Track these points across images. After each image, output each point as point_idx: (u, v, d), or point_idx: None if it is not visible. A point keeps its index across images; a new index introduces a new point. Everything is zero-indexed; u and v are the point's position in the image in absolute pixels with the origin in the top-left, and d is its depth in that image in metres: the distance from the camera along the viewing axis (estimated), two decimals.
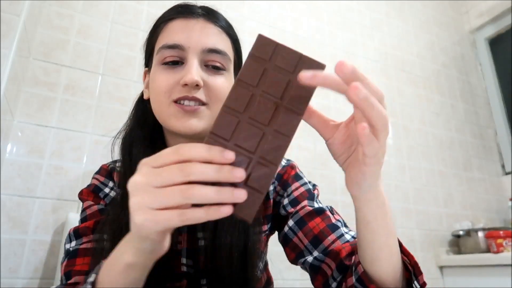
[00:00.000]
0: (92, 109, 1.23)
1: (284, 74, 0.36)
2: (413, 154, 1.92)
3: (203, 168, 0.32)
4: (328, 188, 1.58)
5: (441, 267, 1.75)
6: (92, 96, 1.24)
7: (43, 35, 1.21)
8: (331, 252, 0.59)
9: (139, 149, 0.62)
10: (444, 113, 2.16)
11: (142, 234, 0.36)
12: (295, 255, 0.64)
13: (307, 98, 0.36)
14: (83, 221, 0.63)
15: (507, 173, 2.22)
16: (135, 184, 0.35)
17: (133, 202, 0.35)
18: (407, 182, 1.83)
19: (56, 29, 1.24)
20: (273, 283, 0.73)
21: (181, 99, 0.58)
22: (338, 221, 0.63)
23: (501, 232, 1.62)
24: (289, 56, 0.37)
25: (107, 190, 0.67)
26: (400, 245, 0.49)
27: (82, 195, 0.68)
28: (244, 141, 0.34)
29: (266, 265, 0.72)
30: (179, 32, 0.61)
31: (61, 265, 0.59)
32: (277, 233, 0.71)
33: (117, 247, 0.43)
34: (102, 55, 1.29)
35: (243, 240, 0.58)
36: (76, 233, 0.61)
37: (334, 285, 0.56)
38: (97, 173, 0.71)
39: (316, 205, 0.65)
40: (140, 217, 0.34)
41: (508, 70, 2.30)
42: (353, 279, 0.51)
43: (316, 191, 0.69)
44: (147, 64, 0.69)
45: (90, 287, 0.43)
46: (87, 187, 0.68)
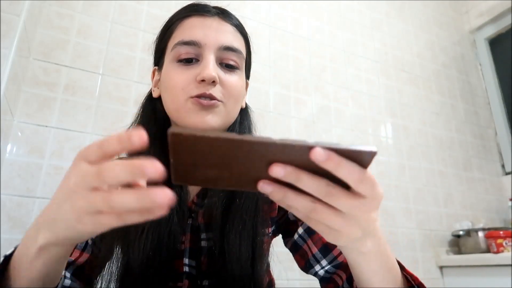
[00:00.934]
0: (92, 109, 1.22)
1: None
2: (413, 154, 1.92)
3: (117, 172, 0.29)
4: None
5: (441, 267, 1.75)
6: (92, 96, 1.24)
7: (43, 35, 1.21)
8: (341, 264, 0.60)
9: (149, 147, 0.62)
10: (444, 113, 2.16)
11: (75, 230, 0.34)
12: (304, 263, 0.65)
13: None
14: None
15: (507, 173, 2.22)
16: (67, 187, 0.33)
17: (67, 207, 0.32)
18: (407, 182, 1.83)
19: (56, 29, 1.24)
20: (274, 284, 0.73)
21: (198, 96, 0.58)
22: None
23: (501, 232, 1.62)
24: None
25: None
26: (402, 267, 0.49)
27: None
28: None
29: (268, 266, 0.72)
30: (195, 28, 0.61)
31: None
32: (281, 236, 0.71)
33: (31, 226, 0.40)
34: (102, 55, 1.29)
35: (251, 242, 0.58)
36: None
37: None
38: None
39: None
40: (83, 222, 0.32)
41: (508, 70, 2.30)
42: None
43: None
44: (157, 63, 0.69)
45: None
46: None
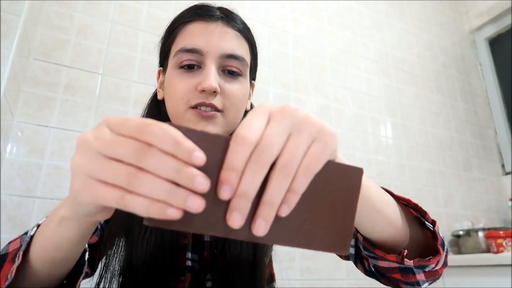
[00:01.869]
0: (92, 109, 1.23)
1: None
2: (413, 154, 1.92)
3: (160, 163, 0.26)
4: None
5: None
6: (92, 96, 1.24)
7: (43, 35, 1.21)
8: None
9: None
10: (444, 113, 2.16)
11: (76, 200, 0.32)
12: None
13: None
14: None
15: (507, 173, 2.22)
16: (86, 143, 0.30)
17: (75, 162, 0.30)
18: (407, 182, 1.83)
19: (56, 29, 1.24)
20: (275, 280, 0.74)
21: (198, 105, 0.58)
22: None
23: (501, 232, 1.62)
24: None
25: None
26: (392, 194, 0.50)
27: None
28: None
29: (270, 261, 0.72)
30: (198, 35, 0.60)
31: None
32: None
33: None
34: (102, 55, 1.29)
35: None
36: None
37: (353, 251, 0.55)
38: None
39: None
40: (78, 183, 0.30)
41: (508, 70, 2.30)
42: (361, 248, 0.51)
43: None
44: (162, 64, 0.69)
45: (28, 239, 0.44)
46: None
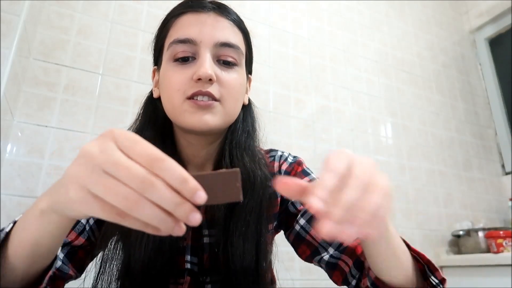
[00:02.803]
0: (92, 109, 1.22)
1: None
2: (413, 154, 1.92)
3: (164, 195, 0.28)
4: None
5: (441, 267, 1.75)
6: (92, 96, 1.24)
7: (43, 35, 1.21)
8: (347, 249, 0.60)
9: None
10: (444, 113, 2.16)
11: (69, 207, 0.32)
12: (310, 253, 0.64)
13: None
14: None
15: (507, 173, 2.22)
16: (89, 155, 0.29)
17: (74, 171, 0.30)
18: (407, 182, 1.83)
19: (56, 29, 1.24)
20: (275, 282, 0.73)
21: (195, 94, 0.57)
22: None
23: (501, 232, 1.62)
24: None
25: None
26: (409, 246, 0.51)
27: None
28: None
29: (270, 264, 0.72)
30: (190, 26, 0.60)
31: None
32: (282, 232, 0.71)
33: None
34: (102, 55, 1.29)
35: (255, 243, 0.58)
36: None
37: (353, 282, 0.57)
38: None
39: None
40: (74, 194, 0.30)
41: (508, 70, 2.30)
42: (368, 282, 0.52)
43: None
44: (156, 62, 0.68)
45: (3, 236, 0.42)
46: None
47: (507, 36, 2.34)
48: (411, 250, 0.51)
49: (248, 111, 0.69)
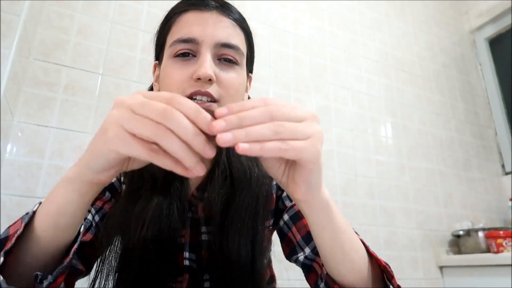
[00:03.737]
0: (92, 109, 1.23)
1: None
2: (413, 154, 1.92)
3: (183, 123, 0.34)
4: (328, 188, 1.58)
5: (441, 267, 1.75)
6: (92, 96, 1.24)
7: (43, 35, 1.21)
8: None
9: None
10: (444, 113, 2.16)
11: (107, 148, 0.37)
12: (289, 250, 0.65)
13: None
14: None
15: (507, 173, 2.22)
16: (121, 101, 0.37)
17: (111, 115, 0.37)
18: (407, 182, 1.83)
19: (56, 29, 1.24)
20: (275, 281, 0.73)
21: (194, 94, 0.56)
22: None
23: (501, 232, 1.62)
24: None
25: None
26: (367, 248, 0.51)
27: None
28: None
29: (269, 262, 0.72)
30: (192, 25, 0.59)
31: None
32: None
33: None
34: (102, 55, 1.29)
35: (251, 240, 0.58)
36: None
37: (322, 285, 0.56)
38: None
39: None
40: (113, 132, 0.36)
41: (508, 70, 2.30)
42: (323, 283, 0.53)
43: None
44: (158, 57, 0.68)
45: (31, 214, 0.45)
46: None
47: (507, 36, 2.34)
48: (369, 253, 0.51)
49: None
